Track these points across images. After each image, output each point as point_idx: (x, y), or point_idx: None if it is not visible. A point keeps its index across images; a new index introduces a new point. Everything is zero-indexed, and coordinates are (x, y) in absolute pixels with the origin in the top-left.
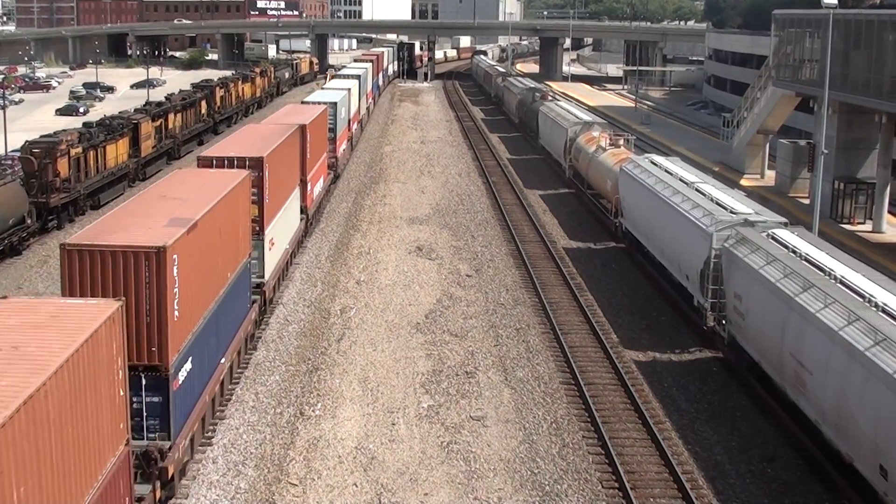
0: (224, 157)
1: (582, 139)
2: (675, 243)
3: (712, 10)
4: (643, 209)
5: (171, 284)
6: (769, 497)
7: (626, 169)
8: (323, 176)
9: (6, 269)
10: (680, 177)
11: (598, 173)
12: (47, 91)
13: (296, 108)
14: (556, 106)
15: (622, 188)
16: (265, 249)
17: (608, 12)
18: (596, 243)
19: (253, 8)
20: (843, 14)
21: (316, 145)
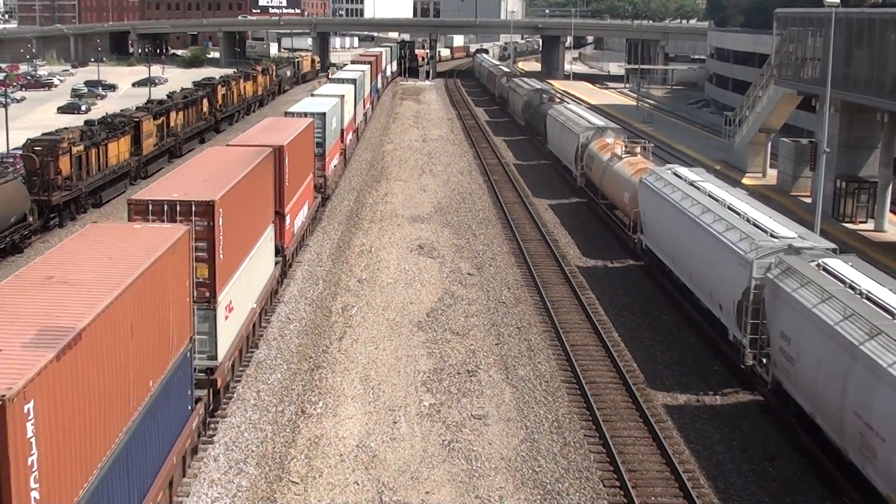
0: (163, 202)
1: (595, 146)
2: (707, 268)
3: (714, 8)
4: (667, 227)
5: None
6: (770, 496)
7: (647, 181)
8: (308, 202)
9: (8, 267)
10: (709, 192)
11: (614, 183)
12: (49, 89)
13: (275, 122)
14: (565, 109)
15: (642, 202)
16: (218, 321)
17: (610, 10)
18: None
19: (255, 6)
20: (846, 12)
21: (298, 167)
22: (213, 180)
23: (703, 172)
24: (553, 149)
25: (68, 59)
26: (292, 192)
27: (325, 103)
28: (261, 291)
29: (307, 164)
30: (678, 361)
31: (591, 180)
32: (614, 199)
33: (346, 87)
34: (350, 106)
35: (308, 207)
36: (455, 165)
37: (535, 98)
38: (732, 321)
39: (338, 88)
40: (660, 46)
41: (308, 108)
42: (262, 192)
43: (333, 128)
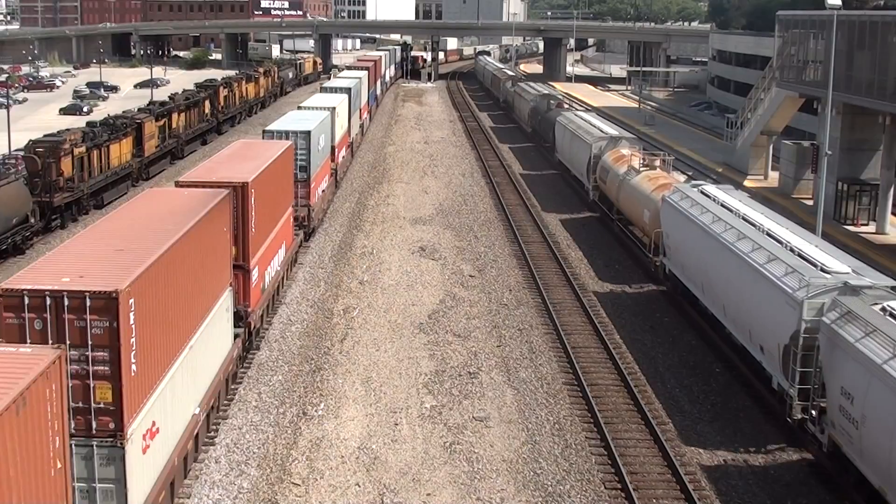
0: (45, 293)
1: (609, 157)
2: (745, 304)
3: (716, 10)
4: (696, 252)
5: None
6: (772, 498)
7: (672, 200)
8: (285, 243)
9: (10, 269)
10: (743, 215)
11: (632, 200)
12: (51, 90)
13: (245, 147)
14: (575, 117)
15: (665, 222)
16: (130, 461)
17: (612, 13)
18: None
19: (257, 8)
20: (847, 15)
21: (270, 205)
22: (133, 247)
23: (732, 191)
24: (562, 158)
25: (70, 60)
26: (261, 238)
27: (311, 119)
28: (208, 388)
29: (284, 198)
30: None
31: (605, 194)
32: (632, 216)
33: (338, 97)
34: (343, 119)
35: (286, 249)
36: (457, 167)
37: (543, 104)
38: (777, 367)
39: (329, 99)
40: (662, 49)
41: (290, 125)
42: (213, 251)
43: (321, 147)
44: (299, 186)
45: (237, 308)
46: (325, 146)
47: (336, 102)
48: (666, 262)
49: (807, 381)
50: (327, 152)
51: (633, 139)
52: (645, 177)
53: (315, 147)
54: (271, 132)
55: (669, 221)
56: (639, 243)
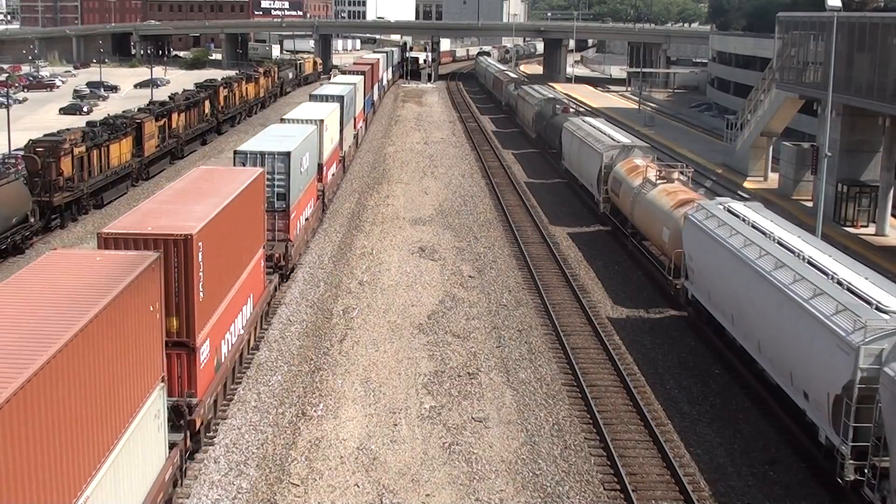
0: None
1: (622, 168)
2: (786, 344)
3: (716, 12)
4: (725, 279)
5: None
6: (770, 500)
7: (695, 219)
8: (252, 297)
9: (9, 268)
10: (778, 238)
11: (649, 216)
12: (51, 90)
13: (206, 176)
14: (583, 123)
15: (688, 242)
16: None
17: (612, 14)
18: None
19: (257, 8)
20: (847, 17)
21: (229, 254)
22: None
23: (761, 209)
24: (570, 167)
25: (70, 60)
26: (214, 302)
27: (293, 135)
28: None
29: (250, 240)
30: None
31: (617, 207)
32: (649, 234)
33: (328, 107)
34: (333, 132)
35: (252, 305)
36: (457, 168)
37: (548, 108)
38: (825, 419)
39: (317, 110)
40: (662, 50)
41: (267, 144)
42: (131, 340)
43: (305, 168)
44: (277, 218)
45: (176, 402)
46: (311, 166)
47: (325, 113)
48: (688, 286)
49: (863, 438)
50: (313, 173)
51: (647, 148)
52: (662, 191)
53: (297, 170)
54: (244, 154)
55: (693, 242)
56: (655, 262)
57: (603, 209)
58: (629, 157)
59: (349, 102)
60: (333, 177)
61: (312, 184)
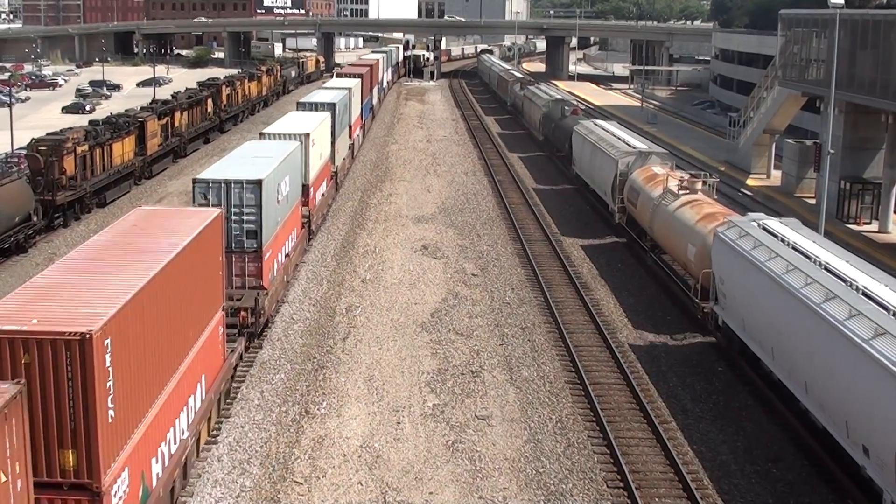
0: None
1: (639, 176)
2: (840, 388)
3: (719, 9)
4: (763, 308)
5: None
6: (774, 497)
7: (727, 238)
8: (201, 384)
9: (12, 267)
10: (824, 263)
11: (671, 231)
12: (53, 89)
13: (146, 221)
14: (595, 126)
15: (719, 263)
16: None
17: (614, 11)
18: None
19: (259, 6)
20: (850, 14)
21: (162, 345)
22: None
23: (799, 226)
24: (581, 173)
25: (73, 58)
26: (135, 417)
27: (270, 155)
28: None
29: (201, 308)
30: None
31: (634, 218)
32: (672, 250)
33: (317, 117)
34: (323, 146)
35: (204, 390)
36: (459, 166)
37: (556, 110)
38: (892, 481)
39: (304, 122)
40: (664, 47)
41: (234, 170)
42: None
43: (285, 194)
44: (246, 261)
45: None
46: (294, 190)
47: (313, 126)
48: (719, 311)
49: None
50: (296, 198)
51: (665, 154)
52: (686, 203)
53: (271, 199)
54: (204, 184)
55: (724, 263)
56: (678, 280)
57: (618, 220)
58: (646, 164)
59: (342, 111)
60: (323, 197)
61: (295, 211)
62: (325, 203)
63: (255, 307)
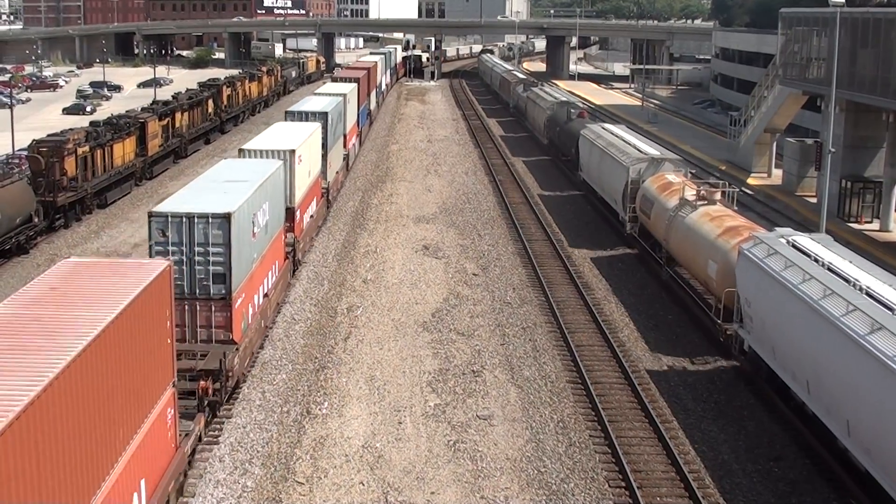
0: None
1: (652, 184)
2: (892, 434)
3: (719, 8)
4: (796, 336)
5: None
6: (776, 496)
7: (753, 255)
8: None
9: (14, 268)
10: (865, 288)
11: (689, 245)
12: (54, 90)
13: (70, 279)
14: (603, 131)
15: (745, 283)
16: None
17: (615, 11)
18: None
19: (260, 7)
20: (851, 12)
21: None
22: None
23: (831, 242)
24: (588, 179)
25: (73, 60)
26: None
27: (248, 178)
28: None
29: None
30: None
31: (647, 229)
32: (690, 265)
33: (306, 129)
34: (313, 161)
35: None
36: (460, 165)
37: (561, 113)
38: None
39: (290, 135)
40: (665, 46)
41: (199, 199)
42: None
43: (263, 224)
44: (214, 310)
45: None
46: (274, 218)
47: (300, 140)
48: (744, 335)
49: None
50: (279, 225)
51: (678, 161)
52: (705, 215)
53: (244, 235)
54: (162, 218)
55: (751, 283)
56: (696, 296)
57: (630, 230)
58: (659, 171)
59: (335, 119)
60: (312, 219)
61: (277, 242)
62: (314, 226)
63: (219, 371)
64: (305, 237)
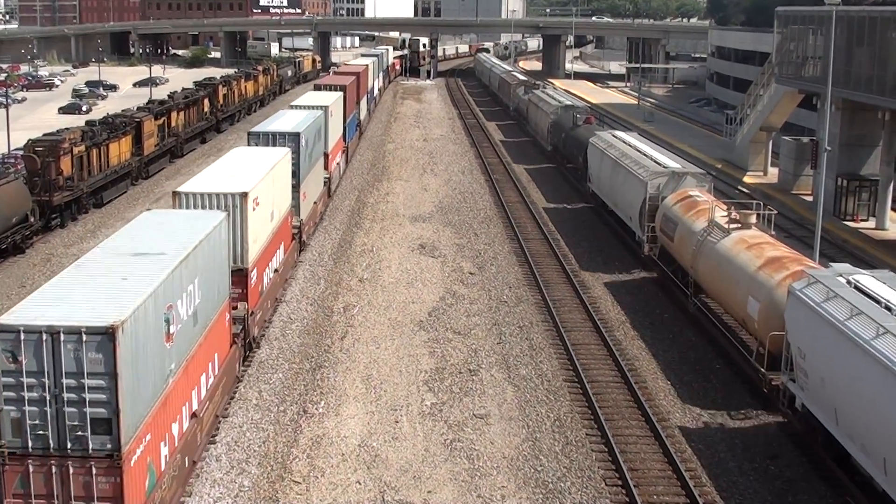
0: None
1: (674, 202)
2: None
3: (715, 6)
4: (870, 402)
5: None
6: (772, 494)
7: (807, 298)
8: None
9: (9, 268)
10: None
11: (722, 276)
12: (50, 89)
13: None
14: (613, 139)
15: (797, 330)
16: None
17: (610, 10)
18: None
19: (255, 6)
20: (846, 10)
21: None
22: None
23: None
24: (599, 192)
25: (69, 59)
26: None
27: (163, 249)
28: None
29: None
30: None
31: (670, 253)
32: (723, 299)
33: (271, 157)
34: (278, 201)
35: None
36: (456, 164)
37: (567, 118)
38: None
39: (248, 167)
40: (661, 45)
41: (63, 307)
42: None
43: (186, 317)
44: (95, 473)
45: None
46: (210, 297)
47: (258, 175)
48: (796, 390)
49: None
50: (219, 302)
51: (701, 174)
52: (740, 242)
53: (147, 349)
54: (12, 333)
55: (806, 332)
56: (731, 334)
57: (648, 251)
58: (680, 186)
59: (312, 140)
60: (277, 275)
61: (216, 328)
62: (278, 284)
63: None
64: (265, 302)
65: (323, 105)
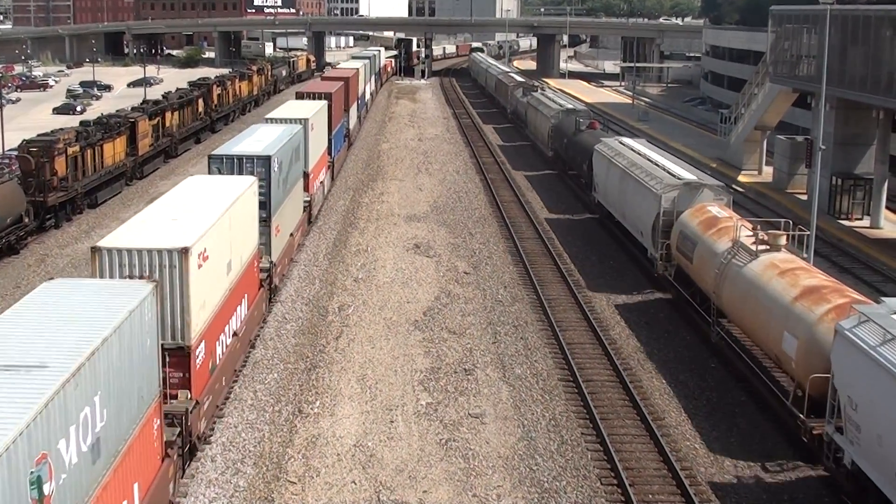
0: None
1: (692, 219)
2: None
3: (709, 6)
4: None
5: None
6: (767, 493)
7: (861, 341)
8: None
9: (4, 269)
10: None
11: (750, 304)
12: (44, 90)
13: None
14: (622, 147)
15: (846, 377)
16: None
17: (605, 9)
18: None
19: (249, 6)
20: (841, 9)
21: None
22: None
23: None
24: (605, 203)
25: (63, 59)
26: None
27: (47, 362)
28: None
29: None
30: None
31: (685, 272)
32: (751, 329)
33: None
34: (237, 248)
35: None
36: (451, 164)
37: (569, 123)
38: None
39: (197, 205)
40: (655, 44)
41: None
42: None
43: (81, 454)
44: None
45: None
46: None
47: (213, 216)
48: (845, 445)
49: None
50: (149, 401)
51: (719, 187)
52: (771, 267)
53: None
54: None
55: (857, 379)
56: (761, 370)
57: (661, 270)
58: (697, 199)
59: (288, 161)
60: (237, 339)
61: (132, 452)
62: (237, 352)
63: None
64: (216, 383)
65: (303, 118)
